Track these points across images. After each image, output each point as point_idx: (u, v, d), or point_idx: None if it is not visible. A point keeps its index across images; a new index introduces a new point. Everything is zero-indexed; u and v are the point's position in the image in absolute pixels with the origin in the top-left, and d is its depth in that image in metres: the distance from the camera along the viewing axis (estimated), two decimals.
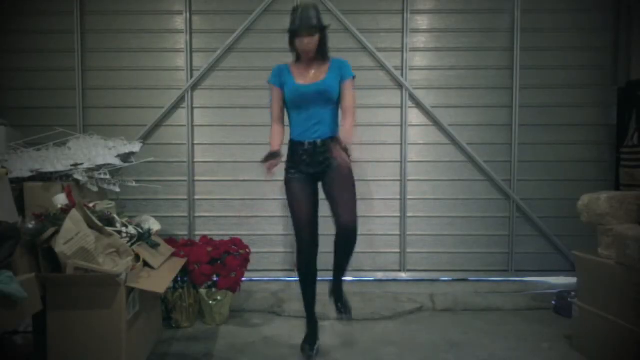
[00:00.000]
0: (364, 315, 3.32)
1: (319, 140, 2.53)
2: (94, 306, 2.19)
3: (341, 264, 2.65)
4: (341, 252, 2.59)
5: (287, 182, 2.61)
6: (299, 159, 2.57)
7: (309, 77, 2.56)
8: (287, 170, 2.62)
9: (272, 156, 2.52)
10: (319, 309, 2.80)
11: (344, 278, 2.71)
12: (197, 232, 3.86)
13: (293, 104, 2.57)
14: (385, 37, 3.85)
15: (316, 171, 2.56)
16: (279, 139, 2.63)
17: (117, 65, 3.84)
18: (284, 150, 2.62)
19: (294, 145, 2.61)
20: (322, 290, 2.73)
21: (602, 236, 2.61)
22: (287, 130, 2.69)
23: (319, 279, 2.68)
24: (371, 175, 3.85)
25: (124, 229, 2.58)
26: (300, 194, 2.56)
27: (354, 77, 2.59)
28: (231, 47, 3.83)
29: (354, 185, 2.55)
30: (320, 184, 2.62)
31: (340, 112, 2.63)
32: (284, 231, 3.86)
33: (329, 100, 2.55)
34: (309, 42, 2.48)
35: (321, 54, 2.56)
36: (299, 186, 2.57)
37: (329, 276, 2.68)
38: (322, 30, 2.52)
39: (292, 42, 2.55)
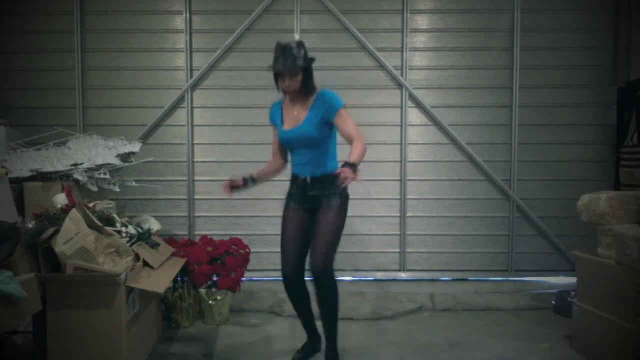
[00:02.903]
0: (364, 315, 3.32)
1: (308, 178, 2.51)
2: (94, 306, 2.19)
3: (324, 318, 2.51)
4: (318, 303, 2.50)
5: (284, 209, 2.63)
6: (294, 191, 2.59)
7: (293, 120, 2.52)
8: (286, 199, 2.64)
9: (239, 182, 2.57)
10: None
11: (335, 339, 2.54)
12: (197, 232, 3.86)
13: (283, 145, 2.61)
14: (385, 37, 3.85)
15: (309, 206, 2.55)
16: (267, 170, 2.69)
17: (117, 65, 3.84)
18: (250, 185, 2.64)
19: (292, 177, 2.62)
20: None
21: (602, 236, 2.61)
22: None
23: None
24: (371, 175, 3.85)
25: (124, 229, 2.58)
26: (288, 222, 2.57)
27: (344, 107, 2.45)
28: (231, 47, 3.83)
29: (336, 226, 2.47)
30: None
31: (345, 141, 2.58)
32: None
33: (315, 143, 2.47)
34: (290, 84, 2.43)
35: (305, 90, 2.48)
36: (290, 214, 2.58)
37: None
38: (305, 69, 2.44)
39: (276, 81, 2.51)
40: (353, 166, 2.20)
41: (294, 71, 2.39)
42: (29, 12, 3.80)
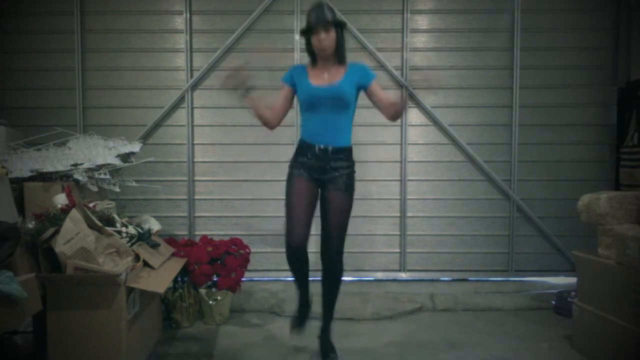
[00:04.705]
0: (364, 315, 3.32)
1: (330, 148, 2.45)
2: (94, 306, 2.19)
3: (329, 299, 2.58)
4: (327, 289, 2.56)
5: (290, 177, 2.53)
6: (307, 161, 2.49)
7: (324, 80, 2.47)
8: (291, 167, 2.55)
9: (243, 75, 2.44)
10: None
11: (331, 324, 2.65)
12: (197, 232, 3.86)
13: (306, 105, 2.48)
14: (385, 37, 3.85)
15: (321, 177, 2.49)
16: (265, 111, 2.56)
17: (117, 65, 3.84)
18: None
19: (303, 145, 2.52)
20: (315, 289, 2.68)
21: (602, 236, 2.61)
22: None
23: (311, 278, 2.62)
24: (371, 175, 3.85)
25: (124, 229, 2.58)
26: (299, 188, 2.46)
27: (376, 78, 2.52)
28: (231, 47, 3.82)
29: (350, 211, 2.51)
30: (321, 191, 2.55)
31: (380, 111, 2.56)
32: (284, 231, 3.85)
33: (344, 106, 2.46)
34: (324, 39, 2.39)
35: (338, 55, 2.48)
36: (300, 181, 2.48)
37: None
38: (337, 26, 2.44)
39: (308, 43, 2.48)
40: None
41: (329, 24, 2.39)
42: (29, 12, 3.80)
